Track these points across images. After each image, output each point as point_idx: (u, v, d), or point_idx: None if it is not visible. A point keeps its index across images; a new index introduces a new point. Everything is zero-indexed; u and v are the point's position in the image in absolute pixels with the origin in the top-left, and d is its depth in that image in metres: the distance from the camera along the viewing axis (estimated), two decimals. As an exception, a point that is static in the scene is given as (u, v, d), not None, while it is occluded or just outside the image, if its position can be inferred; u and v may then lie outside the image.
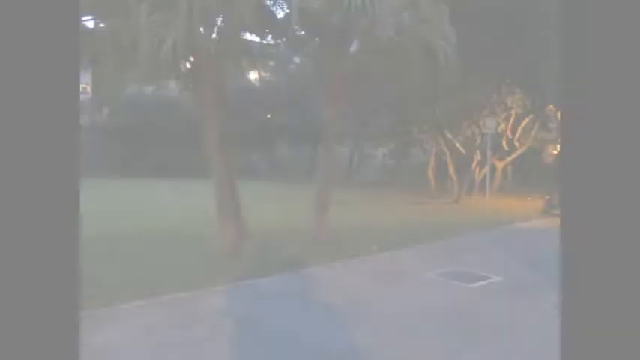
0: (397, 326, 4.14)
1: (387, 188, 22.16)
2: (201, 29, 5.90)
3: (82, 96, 41.36)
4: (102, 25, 6.12)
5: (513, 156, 17.16)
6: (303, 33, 7.64)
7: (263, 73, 29.96)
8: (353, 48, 7.82)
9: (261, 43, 8.11)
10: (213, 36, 6.20)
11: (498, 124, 15.26)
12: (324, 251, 6.92)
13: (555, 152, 19.75)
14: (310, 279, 5.74)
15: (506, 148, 16.94)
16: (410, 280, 5.79)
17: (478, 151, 15.97)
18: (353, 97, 13.38)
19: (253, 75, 31.15)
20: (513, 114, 15.86)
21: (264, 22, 6.55)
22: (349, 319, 4.29)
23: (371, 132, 19.39)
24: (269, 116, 31.69)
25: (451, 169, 16.62)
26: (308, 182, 21.92)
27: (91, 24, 6.49)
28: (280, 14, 7.17)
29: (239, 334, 3.94)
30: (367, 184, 26.47)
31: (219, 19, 6.10)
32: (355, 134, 21.79)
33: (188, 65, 6.39)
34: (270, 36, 7.90)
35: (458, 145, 16.61)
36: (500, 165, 17.34)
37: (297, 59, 15.94)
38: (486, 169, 15.07)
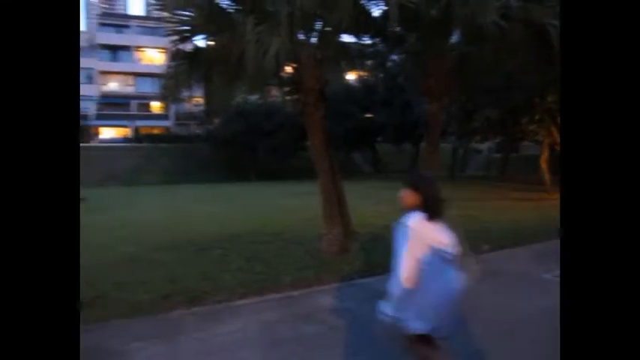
0: (508, 330, 3.89)
1: (494, 183, 20.96)
2: (302, 35, 6.09)
3: (195, 108, 44.27)
4: (211, 42, 6.57)
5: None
6: (400, 29, 7.52)
7: (361, 73, 30.07)
8: (454, 38, 7.51)
9: (358, 42, 8.13)
10: (314, 40, 6.36)
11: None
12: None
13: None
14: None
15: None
16: (525, 282, 5.40)
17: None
18: (455, 90, 12.87)
19: (351, 75, 31.40)
20: (643, 95, 14.07)
21: (361, 21, 6.55)
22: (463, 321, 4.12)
23: (476, 125, 18.42)
24: (369, 115, 31.73)
25: (568, 161, 15.18)
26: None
27: (201, 43, 7.03)
28: (376, 12, 7.12)
29: (350, 331, 3.99)
30: (473, 179, 25.29)
31: (319, 23, 6.24)
32: (459, 128, 20.88)
33: (290, 71, 6.62)
34: (367, 35, 7.89)
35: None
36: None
37: (394, 56, 15.71)
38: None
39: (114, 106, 49.16)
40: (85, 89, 48.59)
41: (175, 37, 6.16)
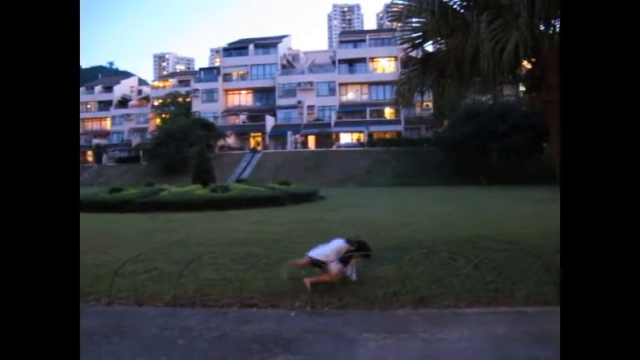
0: None
1: None
2: (543, 25, 5.53)
3: (425, 112, 44.99)
4: (441, 45, 6.54)
5: None
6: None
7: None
8: None
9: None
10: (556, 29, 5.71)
11: None
12: None
13: None
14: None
15: None
16: None
17: None
18: None
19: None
20: None
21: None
22: None
23: None
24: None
25: None
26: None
27: (431, 47, 7.07)
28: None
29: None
30: None
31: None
32: None
33: (529, 66, 6.09)
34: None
35: None
36: None
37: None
38: None
39: (351, 114, 53.73)
40: (327, 100, 54.63)
41: (408, 45, 6.37)
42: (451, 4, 5.98)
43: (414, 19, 6.34)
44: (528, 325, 4.22)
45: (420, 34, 6.29)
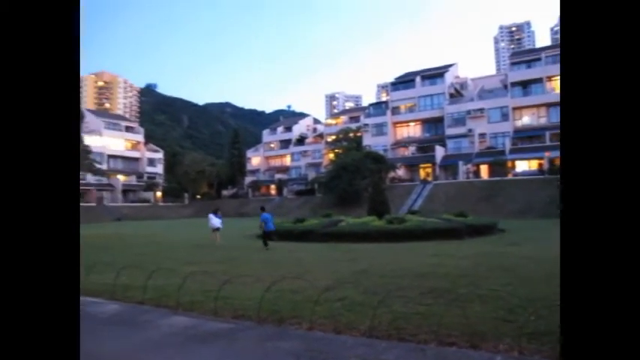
0: None
1: None
2: None
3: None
4: None
5: None
6: None
7: None
8: None
9: None
10: None
11: None
12: None
13: None
14: None
15: None
16: None
17: None
18: None
19: None
20: None
21: None
22: None
23: None
24: None
25: None
26: None
27: None
28: None
29: None
30: None
31: None
32: None
33: None
34: None
35: None
36: None
37: None
38: None
39: (527, 139, 49.58)
40: (500, 127, 51.48)
41: None
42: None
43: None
44: None
45: None
